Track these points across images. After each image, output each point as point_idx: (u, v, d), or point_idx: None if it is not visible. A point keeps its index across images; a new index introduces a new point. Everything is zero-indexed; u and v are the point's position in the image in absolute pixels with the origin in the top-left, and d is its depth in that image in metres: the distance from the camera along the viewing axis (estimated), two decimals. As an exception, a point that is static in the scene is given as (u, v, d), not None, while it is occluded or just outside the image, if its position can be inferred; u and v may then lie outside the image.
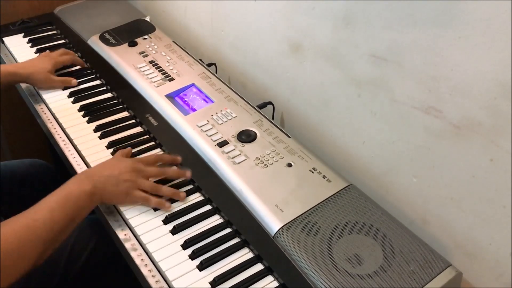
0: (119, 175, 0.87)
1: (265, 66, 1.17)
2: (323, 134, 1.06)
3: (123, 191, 0.87)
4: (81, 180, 0.84)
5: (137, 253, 0.83)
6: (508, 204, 0.74)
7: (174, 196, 0.91)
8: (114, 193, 0.86)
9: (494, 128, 0.72)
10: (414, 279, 0.75)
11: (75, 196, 0.81)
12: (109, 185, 0.85)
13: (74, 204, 0.81)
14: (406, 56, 0.81)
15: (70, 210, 0.80)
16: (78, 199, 0.81)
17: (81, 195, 0.82)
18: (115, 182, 0.86)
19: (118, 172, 0.87)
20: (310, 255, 0.78)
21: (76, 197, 0.81)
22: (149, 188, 0.89)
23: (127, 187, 0.87)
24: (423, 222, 0.89)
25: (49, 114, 1.13)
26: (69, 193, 0.81)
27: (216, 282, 0.78)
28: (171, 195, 0.90)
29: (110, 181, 0.86)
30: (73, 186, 0.83)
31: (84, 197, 0.82)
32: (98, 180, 0.85)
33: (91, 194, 0.83)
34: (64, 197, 0.81)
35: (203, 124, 1.03)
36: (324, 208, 0.85)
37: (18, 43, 1.37)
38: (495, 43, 0.68)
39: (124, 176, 0.87)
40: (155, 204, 0.88)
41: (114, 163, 0.90)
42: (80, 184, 0.83)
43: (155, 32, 1.34)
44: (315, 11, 0.96)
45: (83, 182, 0.84)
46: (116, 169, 0.87)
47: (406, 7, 0.78)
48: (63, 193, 0.81)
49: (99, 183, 0.84)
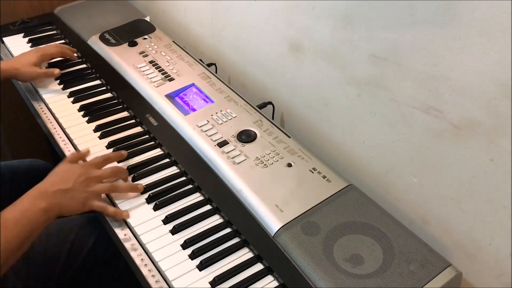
0: (73, 187, 0.85)
1: (265, 66, 1.17)
2: (323, 134, 1.06)
3: (80, 202, 0.85)
4: (35, 198, 0.82)
5: (137, 253, 0.83)
6: (508, 204, 0.74)
7: (133, 190, 0.91)
8: (71, 206, 0.84)
9: (494, 128, 0.72)
10: (414, 279, 0.75)
11: (30, 214, 0.79)
12: (65, 199, 0.83)
13: (29, 222, 0.79)
14: (406, 56, 0.81)
15: (25, 228, 0.78)
16: (33, 216, 0.79)
17: (36, 213, 0.80)
18: (70, 195, 0.84)
19: (72, 184, 0.85)
20: (310, 255, 0.78)
21: (30, 215, 0.79)
22: (106, 191, 0.88)
23: (84, 198, 0.85)
24: (423, 222, 0.89)
25: (49, 114, 1.13)
26: (24, 211, 0.80)
27: (216, 282, 0.78)
28: (130, 189, 0.91)
29: (65, 195, 0.84)
30: (27, 204, 0.81)
31: (40, 215, 0.80)
32: (52, 196, 0.82)
33: (47, 211, 0.81)
34: (19, 215, 0.79)
35: (203, 124, 1.03)
36: (324, 208, 0.85)
37: (18, 43, 1.37)
38: (495, 43, 0.68)
39: (79, 186, 0.85)
40: (112, 215, 0.88)
41: (66, 174, 0.87)
42: (34, 202, 0.81)
43: (155, 32, 1.34)
44: (315, 11, 0.96)
45: (37, 199, 0.82)
46: (69, 181, 0.85)
47: (406, 7, 0.78)
48: (18, 210, 0.79)
49: (54, 199, 0.82)
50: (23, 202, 0.82)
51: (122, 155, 0.98)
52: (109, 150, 1.02)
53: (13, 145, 1.70)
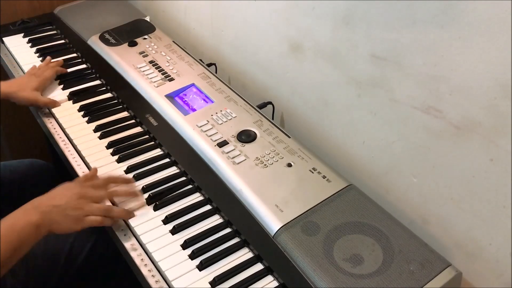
0: (66, 204, 0.84)
1: (265, 66, 1.17)
2: (323, 134, 1.06)
3: (72, 220, 0.84)
4: (28, 211, 0.82)
5: (137, 253, 0.83)
6: (508, 204, 0.74)
7: (126, 217, 0.88)
8: (63, 223, 0.83)
9: (494, 128, 0.72)
10: (414, 279, 0.75)
11: (20, 227, 0.79)
12: (57, 215, 0.83)
13: (18, 235, 0.78)
14: (406, 56, 0.81)
15: (13, 241, 0.77)
16: (23, 230, 0.79)
17: (26, 227, 0.79)
18: (62, 213, 0.83)
19: (65, 201, 0.84)
20: (310, 255, 0.78)
21: (20, 228, 0.79)
22: (99, 212, 0.87)
23: (77, 215, 0.84)
24: (423, 222, 0.89)
25: (49, 114, 1.13)
26: (14, 224, 0.79)
27: (216, 282, 0.78)
28: (123, 216, 0.88)
29: (58, 212, 0.83)
30: (19, 216, 0.80)
31: (29, 229, 0.79)
32: (45, 211, 0.82)
33: (38, 226, 0.80)
34: (8, 227, 0.78)
35: (203, 124, 1.03)
36: (324, 208, 0.85)
37: (18, 43, 1.37)
38: (495, 43, 0.67)
39: (71, 204, 0.84)
40: (110, 225, 0.87)
41: (62, 192, 0.87)
42: (26, 215, 0.81)
43: (155, 32, 1.34)
44: (315, 11, 0.96)
45: (30, 212, 0.81)
46: (63, 198, 0.85)
47: (406, 7, 0.78)
48: (8, 224, 0.79)
49: (46, 214, 0.82)
50: (16, 214, 0.81)
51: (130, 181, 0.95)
52: (109, 150, 1.02)
53: (13, 145, 1.70)
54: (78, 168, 0.99)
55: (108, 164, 0.99)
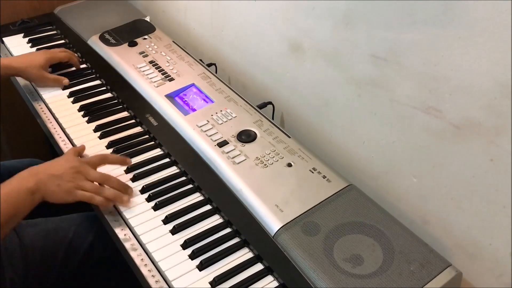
0: (63, 175, 0.86)
1: (265, 66, 1.17)
2: (323, 134, 1.06)
3: (64, 190, 0.86)
4: (24, 177, 0.84)
5: (137, 253, 0.83)
6: (508, 204, 0.74)
7: (117, 199, 0.90)
8: (55, 192, 0.85)
9: (494, 128, 0.72)
10: (414, 279, 0.75)
11: (16, 192, 0.81)
12: (52, 184, 0.85)
13: (15, 200, 0.80)
14: (406, 56, 0.81)
15: (9, 206, 0.79)
16: (19, 195, 0.81)
17: (21, 192, 0.81)
18: (57, 182, 0.85)
19: (62, 172, 0.87)
20: (310, 255, 0.78)
21: (16, 194, 0.81)
22: (91, 189, 0.88)
23: (69, 187, 0.86)
24: (423, 222, 0.89)
25: (49, 114, 1.13)
26: (11, 190, 0.81)
27: (216, 282, 0.78)
28: (114, 198, 0.90)
29: (53, 181, 0.85)
30: (15, 182, 0.83)
31: (25, 194, 0.82)
32: (41, 178, 0.84)
33: (33, 192, 0.82)
34: (4, 194, 0.80)
35: (203, 124, 1.03)
36: (324, 208, 0.85)
37: (18, 43, 1.37)
38: (495, 43, 0.67)
39: (67, 176, 0.86)
40: (100, 203, 0.88)
41: (61, 163, 0.89)
42: (22, 181, 0.83)
43: (155, 32, 1.34)
44: (315, 11, 0.96)
45: (26, 179, 0.84)
46: (61, 169, 0.87)
47: (406, 7, 0.78)
48: (4, 190, 0.81)
49: (41, 182, 0.84)
50: (12, 180, 0.83)
51: (125, 162, 0.97)
52: (109, 150, 1.02)
53: (13, 145, 1.70)
54: (78, 168, 0.99)
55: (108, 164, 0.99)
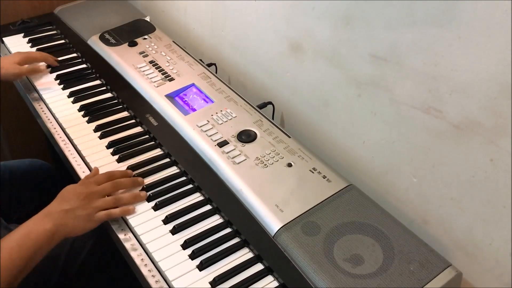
0: (74, 206, 0.85)
1: (265, 66, 1.17)
2: (323, 134, 1.06)
3: (83, 220, 0.85)
4: (41, 219, 0.83)
5: (137, 253, 0.83)
6: (508, 204, 0.74)
7: (136, 199, 0.90)
8: (75, 226, 0.85)
9: (494, 128, 0.72)
10: (414, 279, 0.75)
11: (35, 235, 0.80)
12: (68, 219, 0.84)
13: (34, 243, 0.79)
14: (406, 56, 0.81)
15: (29, 249, 0.79)
16: (38, 238, 0.80)
17: (40, 234, 0.80)
18: (73, 215, 0.84)
19: (72, 203, 0.85)
20: (310, 255, 0.78)
21: (35, 236, 0.80)
22: (107, 205, 0.88)
23: (87, 214, 0.85)
24: (423, 222, 0.89)
25: (49, 114, 1.13)
26: (29, 233, 0.80)
27: (216, 282, 0.78)
28: (133, 200, 0.90)
29: (69, 216, 0.84)
30: (33, 225, 0.82)
31: (44, 236, 0.81)
32: (57, 217, 0.83)
33: (52, 233, 0.81)
34: (23, 236, 0.80)
35: (203, 124, 1.03)
36: (324, 208, 0.85)
37: (18, 43, 1.37)
38: (495, 43, 0.68)
39: (79, 205, 0.86)
40: (121, 214, 0.88)
41: (68, 195, 0.88)
42: (39, 223, 0.82)
43: (155, 32, 1.34)
44: (315, 11, 0.96)
45: (42, 221, 0.83)
46: (70, 201, 0.86)
47: (406, 7, 0.78)
48: (23, 233, 0.80)
49: (58, 220, 0.83)
50: (28, 223, 0.82)
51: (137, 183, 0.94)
52: (109, 150, 1.02)
53: (13, 145, 1.70)
54: (78, 168, 0.99)
55: (108, 164, 0.99)
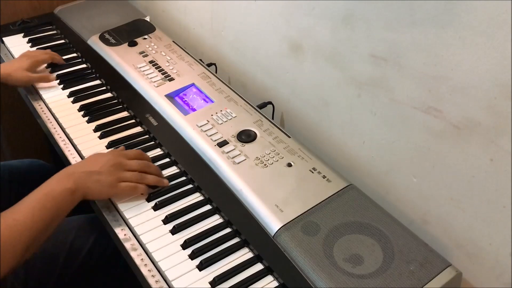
0: (100, 170, 0.86)
1: (265, 66, 1.17)
2: (323, 134, 1.06)
3: (106, 185, 0.86)
4: (62, 178, 0.83)
5: (137, 253, 0.83)
6: (508, 204, 0.74)
7: (159, 183, 0.91)
8: (96, 189, 0.85)
9: (494, 128, 0.72)
10: (414, 279, 0.75)
11: (56, 194, 0.80)
12: (91, 181, 0.84)
13: (55, 202, 0.80)
14: (406, 56, 0.81)
15: (50, 208, 0.79)
16: (59, 197, 0.80)
17: (62, 193, 0.81)
18: (96, 178, 0.85)
19: (99, 167, 0.86)
20: (310, 255, 0.78)
21: (57, 195, 0.80)
22: (134, 179, 0.88)
23: (110, 181, 0.86)
24: (423, 222, 0.89)
25: (49, 114, 1.13)
26: (50, 191, 0.80)
27: (216, 282, 0.78)
28: (156, 183, 0.91)
29: (92, 178, 0.84)
30: (54, 184, 0.82)
31: (65, 195, 0.81)
32: (79, 177, 0.83)
33: (73, 192, 0.82)
34: (44, 195, 0.80)
35: (203, 124, 1.03)
36: (324, 208, 0.85)
37: (18, 43, 1.37)
38: (495, 43, 0.68)
39: (105, 171, 0.86)
40: (143, 191, 0.89)
41: (96, 158, 0.89)
42: (61, 182, 0.82)
43: (155, 32, 1.34)
44: (315, 11, 0.96)
45: (64, 179, 0.83)
46: (97, 164, 0.86)
47: (406, 7, 0.78)
48: (44, 192, 0.80)
49: (80, 180, 0.83)
50: (49, 182, 0.82)
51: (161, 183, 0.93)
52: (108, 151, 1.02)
53: (13, 145, 1.70)
54: (78, 168, 0.99)
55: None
